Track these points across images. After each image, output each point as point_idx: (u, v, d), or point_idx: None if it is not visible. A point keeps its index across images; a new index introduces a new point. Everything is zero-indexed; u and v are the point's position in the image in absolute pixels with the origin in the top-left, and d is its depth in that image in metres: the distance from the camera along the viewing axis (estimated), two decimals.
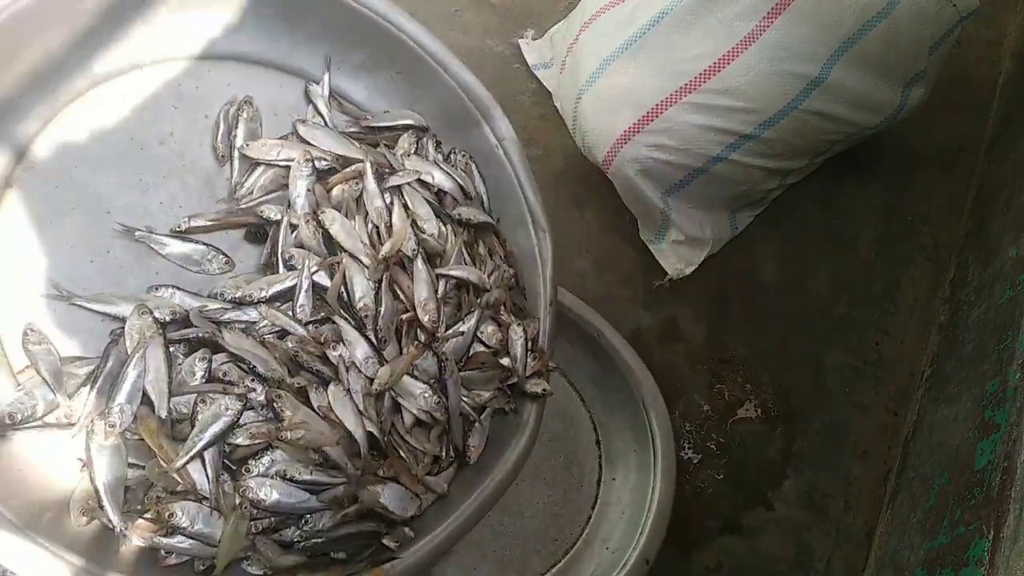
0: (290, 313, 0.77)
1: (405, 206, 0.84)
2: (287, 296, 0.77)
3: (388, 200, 0.84)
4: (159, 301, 0.74)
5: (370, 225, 0.82)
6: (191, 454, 0.66)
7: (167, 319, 0.72)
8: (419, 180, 0.86)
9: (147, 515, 0.66)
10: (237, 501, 0.68)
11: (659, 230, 1.26)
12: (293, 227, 0.80)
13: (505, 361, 0.85)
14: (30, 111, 0.75)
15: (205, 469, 0.68)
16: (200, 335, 0.73)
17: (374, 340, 0.78)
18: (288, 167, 0.82)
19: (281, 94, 0.87)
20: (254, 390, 0.71)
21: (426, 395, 0.77)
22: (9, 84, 0.73)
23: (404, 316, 0.81)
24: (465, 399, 0.81)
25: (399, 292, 0.81)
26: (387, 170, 0.86)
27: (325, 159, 0.84)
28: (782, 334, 1.27)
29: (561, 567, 0.97)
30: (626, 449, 1.05)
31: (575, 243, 1.30)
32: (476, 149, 0.91)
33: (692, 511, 1.13)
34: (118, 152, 0.78)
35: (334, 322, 0.78)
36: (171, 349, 0.71)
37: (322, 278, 0.79)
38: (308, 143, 0.84)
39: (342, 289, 0.79)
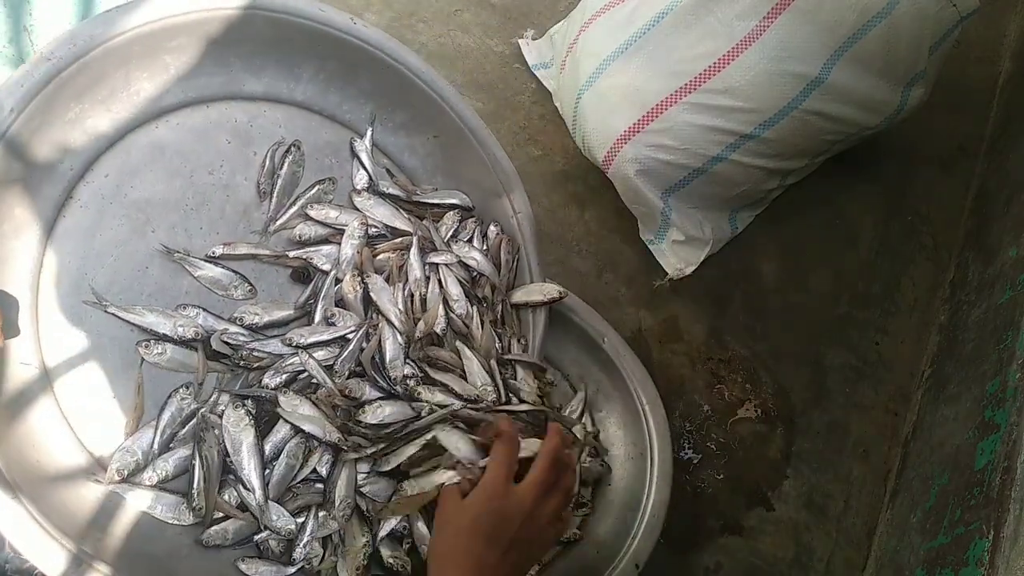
0: (316, 359, 0.84)
1: (440, 282, 0.92)
2: (322, 346, 0.85)
3: (427, 273, 0.92)
4: (186, 320, 0.81)
5: (407, 290, 0.90)
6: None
7: (190, 336, 0.80)
8: (460, 261, 0.95)
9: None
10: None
11: (659, 230, 1.26)
12: (337, 281, 0.88)
13: None
14: (100, 133, 0.81)
15: None
16: (260, 395, 0.81)
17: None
18: (341, 230, 0.91)
19: (326, 140, 0.95)
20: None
21: None
22: (86, 109, 0.79)
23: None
24: None
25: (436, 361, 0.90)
26: (430, 243, 0.94)
27: (377, 227, 0.92)
28: (782, 334, 1.27)
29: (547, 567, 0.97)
30: (624, 456, 1.05)
31: (575, 243, 1.30)
32: (495, 215, 0.99)
33: (692, 511, 1.13)
34: (170, 177, 0.85)
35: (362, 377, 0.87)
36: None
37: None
38: (364, 212, 0.93)
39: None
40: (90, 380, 0.77)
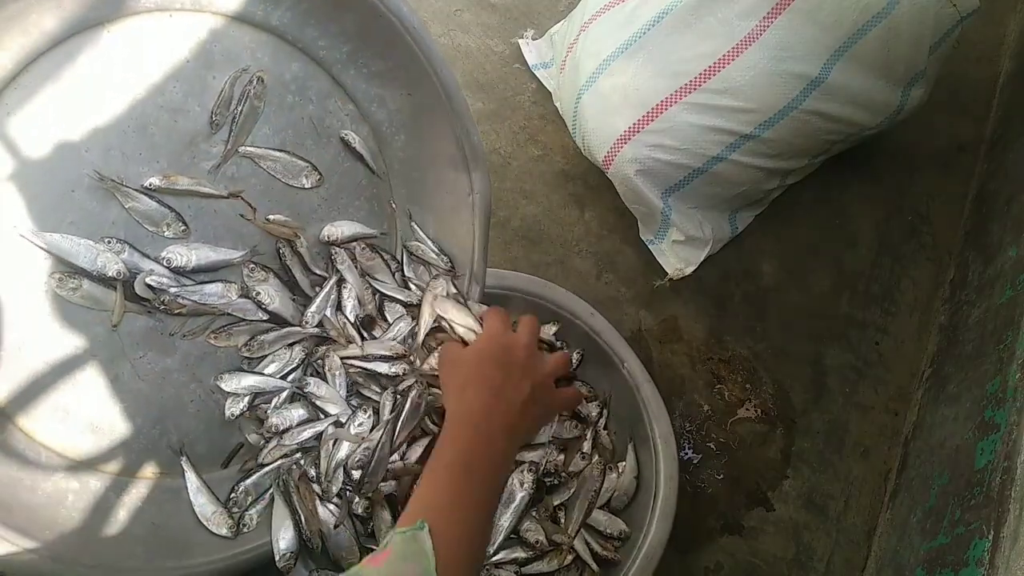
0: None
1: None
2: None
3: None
4: (106, 257, 0.73)
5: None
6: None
7: (111, 275, 0.73)
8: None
9: None
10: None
11: (659, 230, 1.26)
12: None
13: None
14: (43, 30, 0.71)
15: None
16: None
17: None
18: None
19: (294, 74, 0.86)
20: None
21: None
22: (32, 3, 0.69)
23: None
24: None
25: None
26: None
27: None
28: (782, 334, 1.27)
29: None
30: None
31: (575, 243, 1.30)
32: (452, 189, 0.93)
33: (692, 511, 1.13)
34: (117, 92, 0.75)
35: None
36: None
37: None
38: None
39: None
40: None
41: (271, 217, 0.84)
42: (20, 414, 0.74)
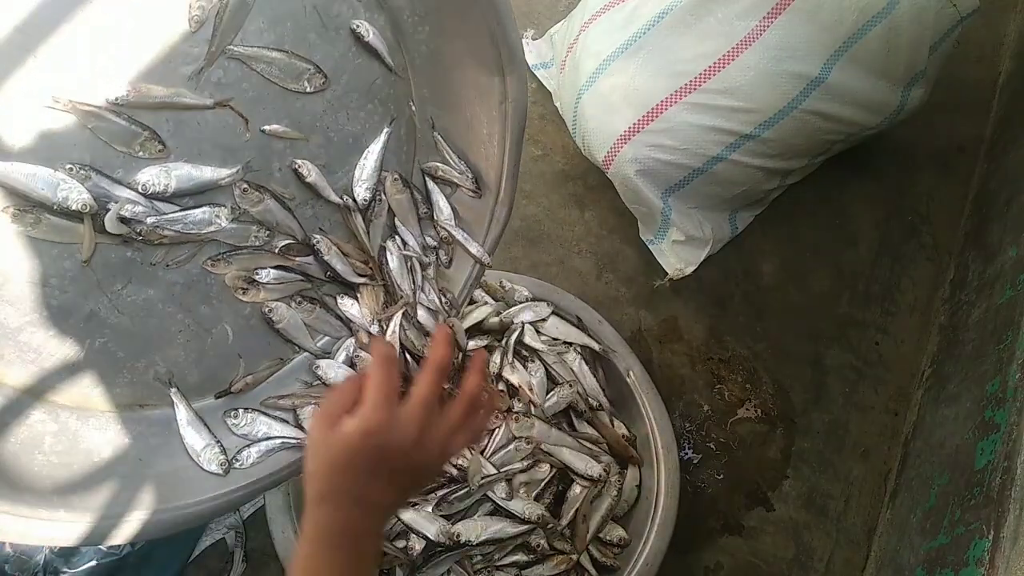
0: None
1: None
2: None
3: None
4: (68, 187, 0.63)
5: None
6: None
7: (75, 208, 0.63)
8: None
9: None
10: None
11: (659, 230, 1.26)
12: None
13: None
14: None
15: None
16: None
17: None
18: None
19: None
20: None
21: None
22: None
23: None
24: None
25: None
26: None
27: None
28: (782, 334, 1.27)
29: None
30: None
31: (575, 243, 1.30)
32: (481, 95, 0.80)
33: (692, 511, 1.13)
34: None
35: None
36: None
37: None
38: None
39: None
40: None
41: (267, 128, 0.72)
42: None
